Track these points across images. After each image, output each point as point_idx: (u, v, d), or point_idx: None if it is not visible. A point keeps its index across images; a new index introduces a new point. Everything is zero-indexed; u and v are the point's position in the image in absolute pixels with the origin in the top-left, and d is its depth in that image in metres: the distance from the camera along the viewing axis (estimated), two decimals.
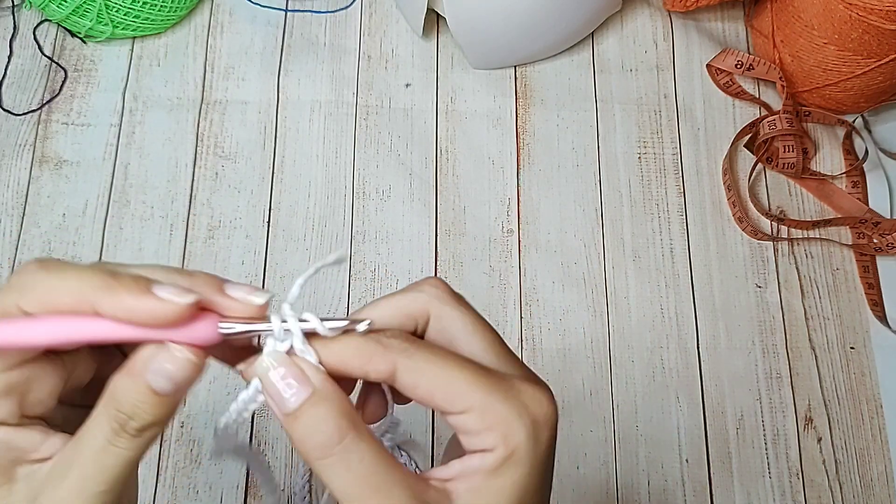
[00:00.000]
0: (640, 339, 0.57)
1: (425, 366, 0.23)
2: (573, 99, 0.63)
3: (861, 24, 0.53)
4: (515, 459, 0.23)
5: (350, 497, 0.22)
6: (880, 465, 0.54)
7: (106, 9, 0.59)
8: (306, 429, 0.23)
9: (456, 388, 0.23)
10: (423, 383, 0.23)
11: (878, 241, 0.59)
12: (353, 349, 0.24)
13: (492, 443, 0.23)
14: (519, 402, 0.23)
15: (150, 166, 0.60)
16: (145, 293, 0.22)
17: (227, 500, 0.52)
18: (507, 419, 0.23)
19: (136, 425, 0.23)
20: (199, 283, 0.24)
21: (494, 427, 0.23)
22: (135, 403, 0.23)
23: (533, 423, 0.23)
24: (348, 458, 0.22)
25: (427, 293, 0.25)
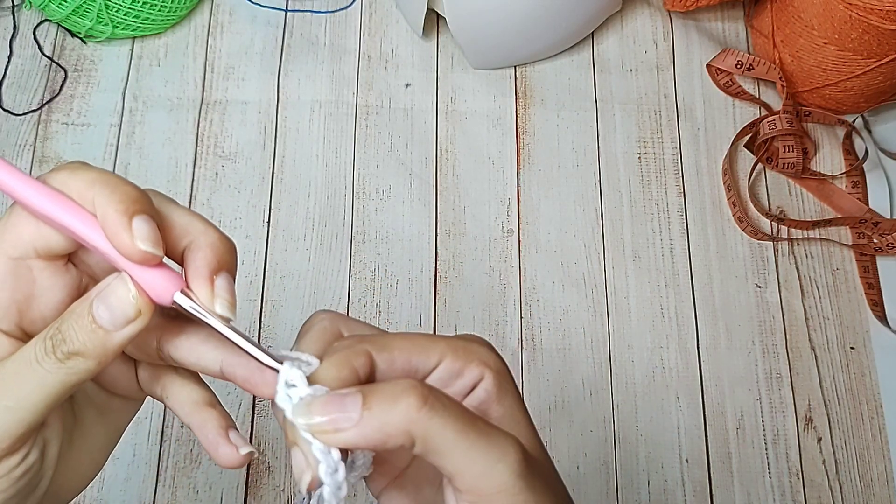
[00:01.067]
0: (640, 339, 0.57)
1: (390, 341, 0.25)
2: (573, 99, 0.63)
3: (861, 24, 0.53)
4: (504, 376, 0.25)
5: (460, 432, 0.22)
6: (880, 465, 0.54)
7: (106, 9, 0.59)
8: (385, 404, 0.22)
9: (424, 346, 0.25)
10: (396, 356, 0.24)
11: (878, 241, 0.59)
12: (331, 365, 0.24)
13: (478, 372, 0.25)
14: (473, 339, 0.26)
15: (150, 166, 0.60)
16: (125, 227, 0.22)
17: (227, 500, 0.52)
18: (476, 350, 0.25)
19: (65, 349, 0.23)
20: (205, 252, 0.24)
21: (471, 359, 0.25)
22: (72, 327, 0.23)
23: (493, 349, 0.26)
24: (439, 395, 0.23)
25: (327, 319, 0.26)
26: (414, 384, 0.22)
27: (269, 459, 0.53)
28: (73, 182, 0.23)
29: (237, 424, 0.53)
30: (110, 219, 0.22)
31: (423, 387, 0.22)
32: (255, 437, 0.53)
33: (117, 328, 0.23)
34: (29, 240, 0.24)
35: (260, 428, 0.53)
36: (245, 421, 0.53)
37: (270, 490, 0.52)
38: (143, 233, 0.22)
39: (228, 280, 0.24)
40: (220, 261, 0.24)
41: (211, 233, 0.24)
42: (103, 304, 0.23)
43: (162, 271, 0.23)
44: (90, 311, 0.23)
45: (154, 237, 0.23)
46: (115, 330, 0.23)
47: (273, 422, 0.53)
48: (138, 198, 0.23)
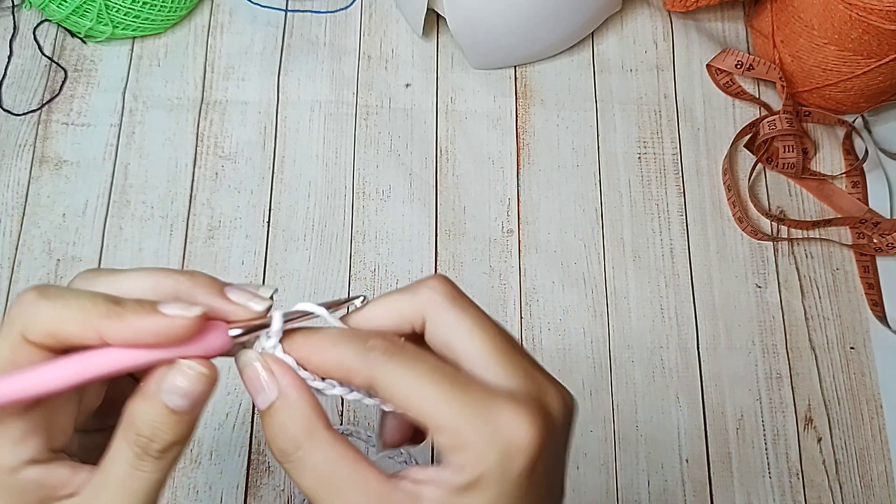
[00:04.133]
0: (640, 339, 0.57)
1: (400, 379, 0.23)
2: (573, 99, 0.63)
3: (861, 24, 0.53)
4: (482, 484, 0.22)
5: (312, 497, 0.23)
6: (880, 465, 0.54)
7: (106, 9, 0.59)
8: (271, 430, 0.23)
9: (428, 406, 0.22)
10: (396, 397, 0.23)
11: (878, 241, 0.59)
12: (335, 360, 0.24)
13: (461, 462, 0.22)
14: (492, 426, 0.22)
15: (150, 166, 0.60)
16: (152, 313, 0.22)
17: (227, 500, 0.52)
18: (476, 443, 0.22)
19: (158, 447, 0.23)
20: (202, 288, 0.24)
21: (464, 449, 0.22)
22: (153, 425, 0.22)
23: (505, 449, 0.22)
24: (309, 460, 0.23)
25: (424, 295, 0.25)
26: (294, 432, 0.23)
27: (269, 459, 0.53)
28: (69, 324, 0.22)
29: (237, 424, 0.53)
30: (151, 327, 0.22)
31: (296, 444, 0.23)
32: (255, 437, 0.53)
33: (197, 403, 0.23)
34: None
35: (260, 428, 0.53)
36: (245, 421, 0.53)
37: (270, 490, 0.52)
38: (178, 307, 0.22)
39: (233, 285, 0.25)
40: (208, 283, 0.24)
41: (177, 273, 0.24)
42: (176, 395, 0.22)
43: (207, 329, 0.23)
44: (165, 406, 0.22)
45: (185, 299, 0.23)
46: (191, 410, 0.23)
47: None
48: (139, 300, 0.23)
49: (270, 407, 0.23)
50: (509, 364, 0.24)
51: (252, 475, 0.52)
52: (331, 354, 0.24)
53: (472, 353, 0.24)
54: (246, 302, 0.24)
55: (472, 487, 0.22)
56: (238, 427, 0.53)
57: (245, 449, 0.53)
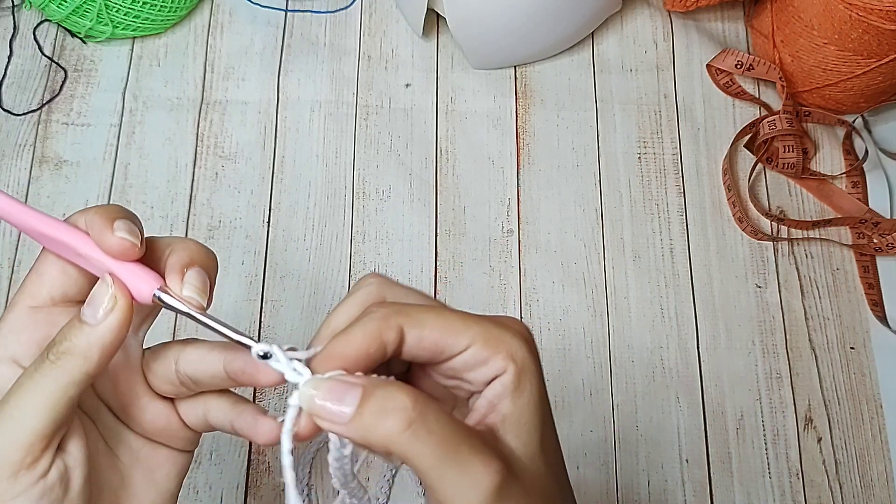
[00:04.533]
0: (640, 339, 0.57)
1: (425, 318, 0.25)
2: (573, 99, 0.63)
3: (861, 24, 0.53)
4: (527, 373, 0.25)
5: (439, 459, 0.23)
6: (880, 465, 0.54)
7: (106, 9, 0.59)
8: (374, 416, 0.23)
9: (457, 327, 0.25)
10: (426, 334, 0.25)
11: (878, 241, 0.59)
12: (361, 333, 0.25)
13: (502, 365, 0.25)
14: (509, 328, 0.26)
15: (150, 166, 0.60)
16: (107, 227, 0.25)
17: (227, 500, 0.52)
18: (507, 341, 0.25)
19: (55, 349, 0.24)
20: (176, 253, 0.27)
21: (500, 349, 0.25)
22: (62, 331, 0.25)
23: (526, 341, 0.26)
24: (427, 421, 0.23)
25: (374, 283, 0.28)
26: (406, 404, 0.23)
27: (269, 459, 0.53)
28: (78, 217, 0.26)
29: None
30: (95, 222, 0.25)
31: (413, 408, 0.23)
32: None
33: (99, 321, 0.25)
34: (47, 291, 0.27)
35: None
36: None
37: (270, 490, 0.52)
38: (121, 226, 0.25)
39: (198, 271, 0.27)
40: (192, 258, 0.27)
41: (187, 240, 0.28)
42: (88, 303, 0.25)
43: (143, 273, 0.26)
44: (76, 316, 0.25)
45: (130, 230, 0.26)
46: (97, 323, 0.25)
47: None
48: (122, 210, 0.26)
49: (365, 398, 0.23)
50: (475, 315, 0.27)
51: (252, 475, 0.52)
52: (357, 336, 0.25)
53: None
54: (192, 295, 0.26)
55: (522, 380, 0.25)
56: None
57: (245, 449, 0.53)
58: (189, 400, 0.29)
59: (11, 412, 0.24)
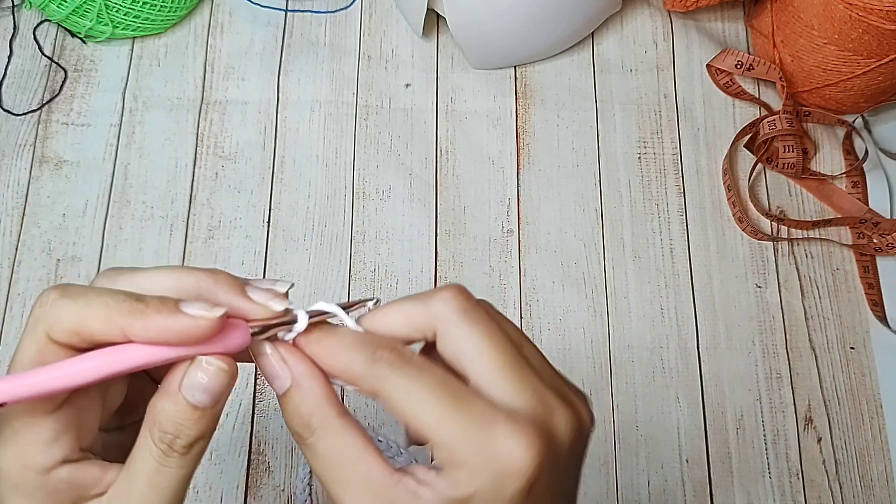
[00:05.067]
0: (640, 339, 0.57)
1: (402, 393, 0.23)
2: (573, 99, 0.63)
3: (861, 24, 0.53)
4: (474, 502, 0.22)
5: (321, 480, 0.24)
6: (880, 465, 0.54)
7: (106, 9, 0.59)
8: (287, 414, 0.24)
9: (427, 421, 0.23)
10: (397, 410, 0.23)
11: (878, 241, 0.59)
12: (343, 365, 0.24)
13: (456, 479, 0.23)
14: (488, 448, 0.22)
15: (150, 166, 0.60)
16: (175, 312, 0.22)
17: (227, 500, 0.52)
18: (471, 463, 0.22)
19: (183, 443, 0.23)
20: (223, 287, 0.24)
21: (459, 467, 0.22)
22: (177, 422, 0.23)
23: (498, 471, 0.22)
24: (318, 445, 0.24)
25: (436, 308, 0.25)
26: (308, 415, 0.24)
27: (269, 459, 0.53)
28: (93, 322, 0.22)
29: (237, 424, 0.53)
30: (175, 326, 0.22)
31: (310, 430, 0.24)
32: (255, 437, 0.53)
33: (218, 398, 0.23)
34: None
35: (260, 428, 0.53)
36: (245, 421, 0.53)
37: (270, 490, 0.52)
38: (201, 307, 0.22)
39: (253, 283, 0.25)
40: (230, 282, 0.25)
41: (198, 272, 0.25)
42: (197, 391, 0.23)
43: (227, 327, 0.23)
44: (187, 403, 0.23)
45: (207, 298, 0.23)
46: (218, 401, 0.24)
47: (273, 422, 0.53)
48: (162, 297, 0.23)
49: (285, 393, 0.24)
50: (517, 382, 0.24)
51: (252, 475, 0.52)
52: (340, 359, 0.24)
53: (480, 369, 0.24)
54: (266, 301, 0.24)
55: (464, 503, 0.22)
56: (238, 427, 0.53)
57: (245, 449, 0.53)
58: None
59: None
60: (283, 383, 0.24)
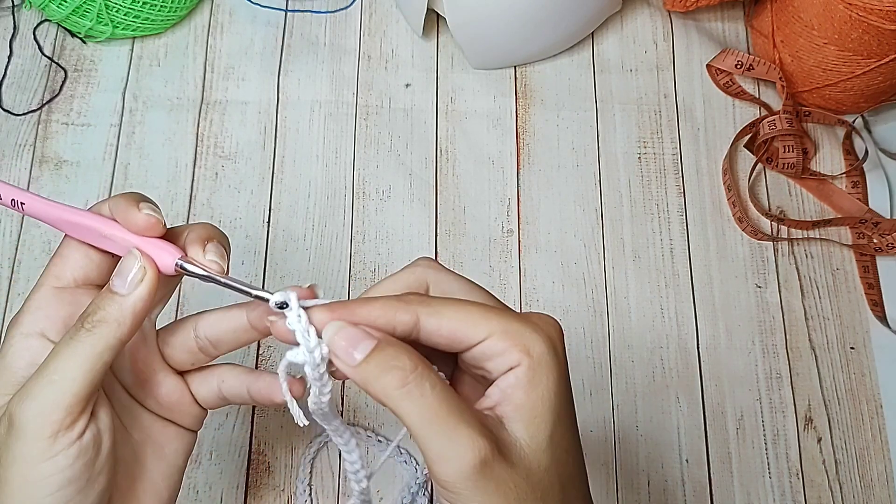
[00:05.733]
0: (640, 339, 0.57)
1: (444, 308, 0.26)
2: (573, 99, 0.63)
3: (861, 24, 0.53)
4: (542, 368, 0.26)
5: (426, 422, 0.25)
6: (880, 465, 0.54)
7: (106, 9, 0.59)
8: (378, 368, 0.25)
9: (475, 320, 0.26)
10: (444, 324, 0.26)
11: (878, 241, 0.59)
12: (379, 307, 0.26)
13: (517, 358, 0.26)
14: (531, 322, 0.26)
15: (150, 166, 0.60)
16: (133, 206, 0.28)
17: (227, 500, 0.52)
18: (526, 335, 0.26)
19: (90, 319, 0.27)
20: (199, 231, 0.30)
21: (517, 343, 0.26)
22: (95, 302, 0.27)
23: (548, 337, 0.26)
24: (422, 385, 0.25)
25: (422, 266, 0.29)
26: (406, 365, 0.25)
27: (269, 459, 0.53)
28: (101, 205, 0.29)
29: (237, 424, 0.53)
30: (121, 204, 0.28)
31: (412, 370, 0.25)
32: (255, 437, 0.53)
33: (130, 290, 0.27)
34: (71, 273, 0.29)
35: (260, 428, 0.53)
36: (245, 421, 0.53)
37: (270, 490, 0.52)
38: (146, 206, 0.28)
39: (216, 244, 0.30)
40: (209, 235, 0.30)
41: (203, 223, 0.30)
42: (117, 275, 0.28)
43: (165, 247, 0.28)
44: (108, 287, 0.28)
45: (154, 209, 0.28)
46: (128, 293, 0.27)
47: (273, 422, 0.53)
48: (144, 195, 0.29)
49: (375, 350, 0.26)
50: (506, 307, 0.29)
51: (252, 475, 0.52)
52: (376, 306, 0.26)
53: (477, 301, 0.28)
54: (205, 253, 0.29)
55: (536, 375, 0.26)
56: (238, 427, 0.53)
57: (245, 449, 0.53)
58: (202, 375, 0.32)
59: (52, 377, 0.26)
60: (365, 348, 0.26)
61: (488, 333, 0.26)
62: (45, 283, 0.29)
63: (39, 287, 0.29)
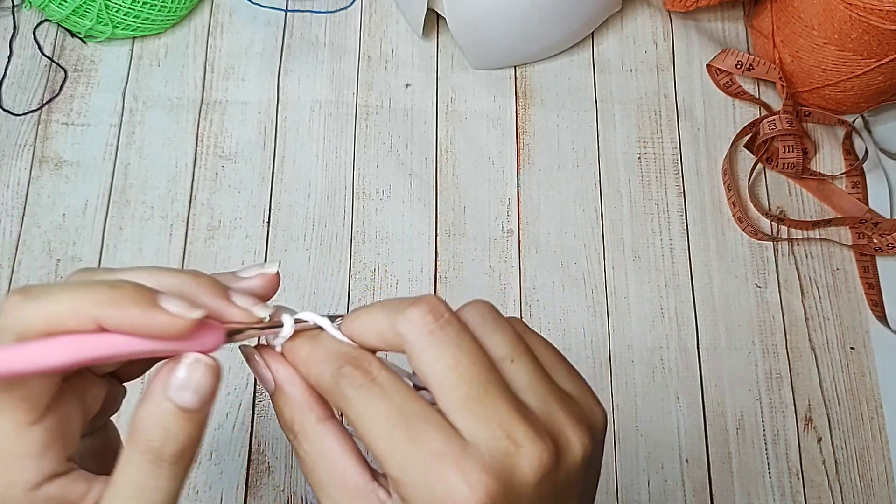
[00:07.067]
0: (640, 339, 0.57)
1: (358, 416, 0.22)
2: (573, 99, 0.63)
3: (861, 24, 0.53)
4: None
5: (306, 479, 0.25)
6: (880, 465, 0.54)
7: (106, 9, 0.59)
8: (276, 414, 0.25)
9: (380, 450, 0.22)
10: (355, 429, 0.23)
11: (878, 241, 0.59)
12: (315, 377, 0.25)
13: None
14: (434, 489, 0.21)
15: (150, 166, 0.60)
16: (153, 306, 0.21)
17: (227, 500, 0.52)
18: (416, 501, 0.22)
19: (171, 451, 0.22)
20: (205, 290, 0.23)
21: (406, 501, 0.22)
22: (164, 428, 0.21)
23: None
24: (300, 448, 0.24)
25: (403, 326, 0.23)
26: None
27: (269, 459, 0.53)
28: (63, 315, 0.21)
29: (237, 424, 0.53)
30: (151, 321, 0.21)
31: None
32: (255, 437, 0.53)
33: (206, 399, 0.22)
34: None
35: (260, 428, 0.53)
36: (245, 421, 0.53)
37: (270, 490, 0.52)
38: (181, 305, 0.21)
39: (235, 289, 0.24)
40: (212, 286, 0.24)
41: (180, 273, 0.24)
42: (185, 391, 0.22)
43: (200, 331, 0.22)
44: (175, 405, 0.22)
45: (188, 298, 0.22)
46: (206, 402, 0.22)
47: (273, 422, 0.53)
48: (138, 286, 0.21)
49: (272, 396, 0.25)
50: (480, 415, 0.22)
51: (252, 475, 0.52)
52: (312, 370, 0.24)
53: (445, 399, 0.22)
54: (250, 307, 0.24)
55: None
56: (238, 427, 0.53)
57: (245, 449, 0.53)
58: None
59: None
60: (269, 387, 0.25)
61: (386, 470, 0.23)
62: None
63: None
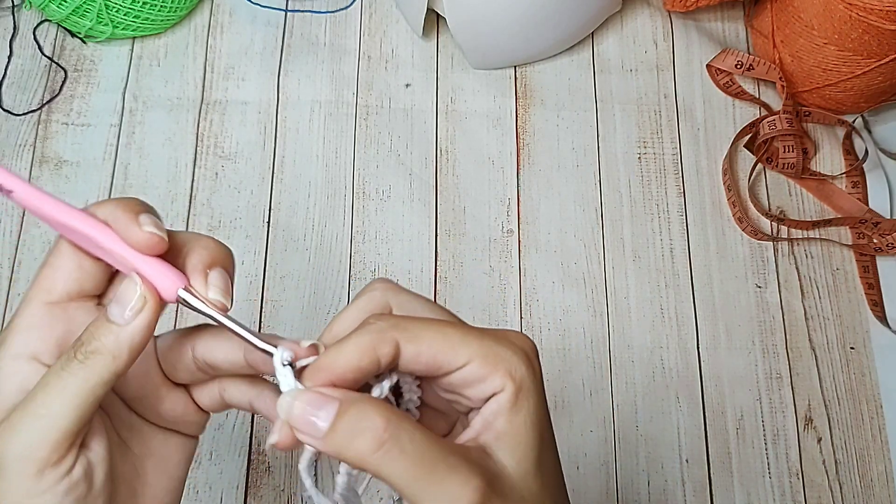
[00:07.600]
0: (640, 339, 0.57)
1: (422, 333, 0.24)
2: (573, 99, 0.63)
3: (861, 24, 0.53)
4: (525, 391, 0.25)
5: (414, 478, 0.23)
6: (880, 465, 0.54)
7: (106, 9, 0.59)
8: (347, 434, 0.23)
9: (454, 344, 0.24)
10: (424, 349, 0.24)
11: (878, 241, 0.59)
12: (354, 347, 0.24)
13: (500, 383, 0.24)
14: (510, 342, 0.25)
15: (150, 166, 0.60)
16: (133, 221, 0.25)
17: (227, 500, 0.52)
18: (507, 358, 0.25)
19: (83, 349, 0.24)
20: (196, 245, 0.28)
21: (498, 367, 0.24)
22: (89, 330, 0.25)
23: (527, 357, 0.25)
24: (400, 440, 0.23)
25: (380, 290, 0.27)
26: (377, 423, 0.23)
27: (269, 459, 0.53)
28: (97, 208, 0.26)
29: (237, 424, 0.53)
30: (119, 215, 0.25)
31: (385, 429, 0.23)
32: (255, 437, 0.53)
33: (127, 321, 0.25)
34: (63, 286, 0.26)
35: (260, 428, 0.53)
36: (245, 421, 0.53)
37: (270, 490, 0.52)
38: (148, 221, 0.25)
39: (221, 272, 0.27)
40: (213, 258, 0.27)
41: (205, 238, 0.28)
42: (115, 302, 0.25)
43: (168, 272, 0.25)
44: (104, 315, 0.25)
45: (157, 224, 0.25)
46: (126, 323, 0.25)
47: None
48: (145, 204, 0.26)
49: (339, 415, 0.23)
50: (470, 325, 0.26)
51: (252, 475, 0.52)
52: (350, 348, 0.24)
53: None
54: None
55: (519, 399, 0.24)
56: (238, 427, 0.53)
57: (245, 449, 0.53)
58: (205, 385, 0.30)
59: (39, 410, 0.24)
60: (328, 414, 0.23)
61: (469, 358, 0.24)
62: (35, 298, 0.26)
63: (29, 302, 0.26)
